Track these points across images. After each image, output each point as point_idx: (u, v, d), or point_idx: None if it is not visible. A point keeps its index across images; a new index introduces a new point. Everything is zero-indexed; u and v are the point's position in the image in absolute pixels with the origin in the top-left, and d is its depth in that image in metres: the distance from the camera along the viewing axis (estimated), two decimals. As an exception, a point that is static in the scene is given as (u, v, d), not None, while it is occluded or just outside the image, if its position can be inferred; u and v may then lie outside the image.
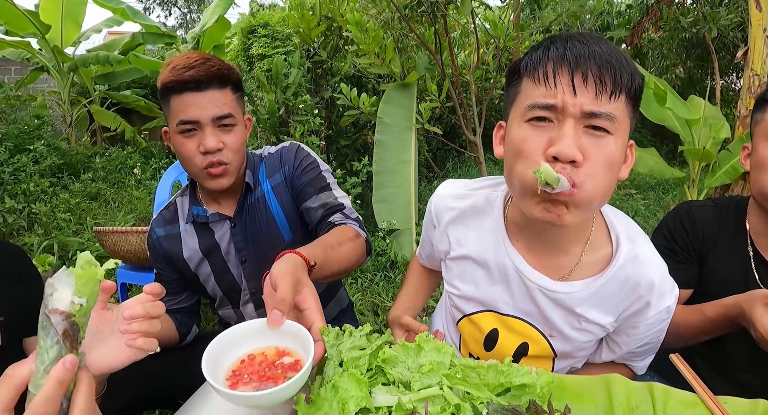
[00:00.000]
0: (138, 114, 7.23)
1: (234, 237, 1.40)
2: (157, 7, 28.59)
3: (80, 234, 4.08)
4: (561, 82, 0.80)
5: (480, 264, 1.05)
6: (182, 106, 1.24)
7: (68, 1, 6.25)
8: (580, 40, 0.82)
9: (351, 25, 3.29)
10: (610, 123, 0.80)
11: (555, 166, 0.79)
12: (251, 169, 1.42)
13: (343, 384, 0.68)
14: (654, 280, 0.95)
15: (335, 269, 1.12)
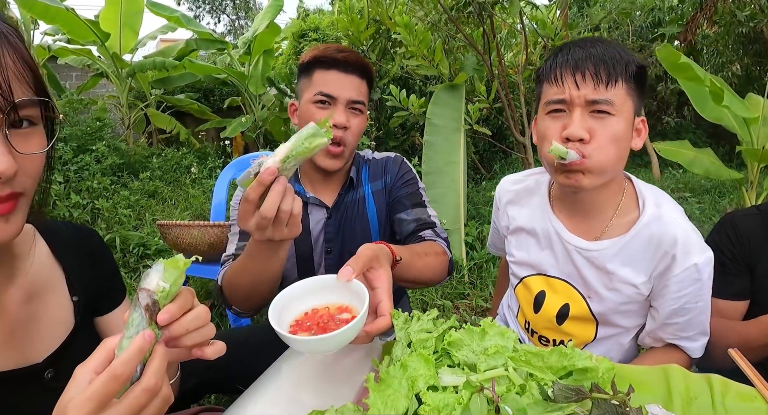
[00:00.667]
0: (191, 117, 7.53)
1: (327, 227, 1.46)
2: (206, 15, 29.58)
3: (140, 229, 4.30)
4: (567, 81, 1.04)
5: (530, 233, 1.27)
6: (325, 80, 1.36)
7: (126, 10, 6.58)
8: (580, 46, 1.07)
9: (400, 27, 3.34)
10: (610, 106, 1.02)
11: (568, 145, 1.03)
12: (356, 167, 1.50)
13: (412, 363, 0.73)
14: (677, 236, 1.06)
15: (416, 275, 1.16)
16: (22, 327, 0.77)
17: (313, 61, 1.38)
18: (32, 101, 0.65)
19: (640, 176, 6.21)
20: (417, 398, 0.71)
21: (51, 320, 0.83)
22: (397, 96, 3.29)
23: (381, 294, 0.87)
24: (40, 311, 0.81)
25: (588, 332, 1.21)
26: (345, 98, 1.36)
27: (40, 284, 0.83)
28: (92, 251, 0.96)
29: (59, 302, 0.85)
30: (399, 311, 0.85)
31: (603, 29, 6.15)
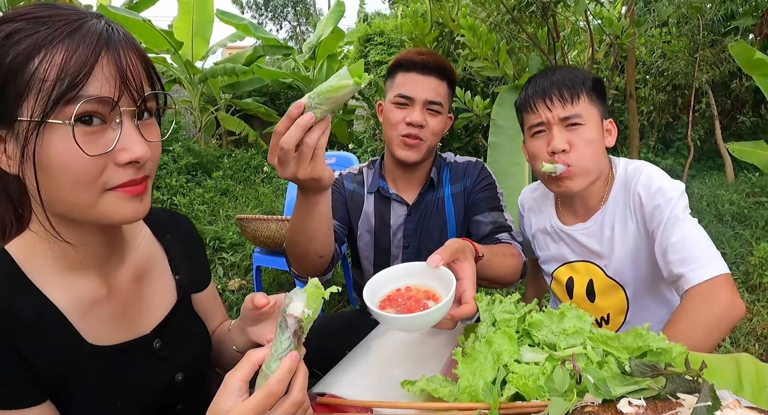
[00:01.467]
0: (259, 119, 7.88)
1: (406, 223, 1.55)
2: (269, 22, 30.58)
3: (214, 224, 4.58)
4: (540, 107, 1.26)
5: (545, 233, 1.47)
6: (404, 81, 1.46)
7: (198, 20, 6.98)
8: (543, 76, 1.29)
9: (464, 29, 3.39)
10: (579, 118, 1.23)
11: (554, 158, 1.24)
12: (437, 168, 1.57)
13: (497, 340, 0.81)
14: (638, 177, 1.24)
15: (493, 274, 1.23)
16: (132, 304, 0.85)
17: (395, 65, 1.49)
18: (155, 95, 0.73)
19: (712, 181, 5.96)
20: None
21: (157, 297, 0.90)
22: (461, 97, 3.34)
23: (466, 284, 0.93)
24: (147, 289, 0.89)
25: (619, 298, 1.34)
26: (422, 99, 1.44)
27: (147, 264, 0.90)
28: (187, 234, 1.04)
29: (163, 280, 0.93)
30: (482, 294, 0.93)
31: (672, 24, 5.93)
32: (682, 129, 6.52)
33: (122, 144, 0.68)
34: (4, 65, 0.64)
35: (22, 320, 0.70)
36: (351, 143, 7.00)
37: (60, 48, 0.64)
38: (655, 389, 0.69)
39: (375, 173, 1.61)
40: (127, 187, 0.70)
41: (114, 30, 0.69)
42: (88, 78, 0.64)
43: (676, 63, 5.90)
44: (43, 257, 0.75)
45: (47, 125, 0.64)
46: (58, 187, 0.67)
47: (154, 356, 0.85)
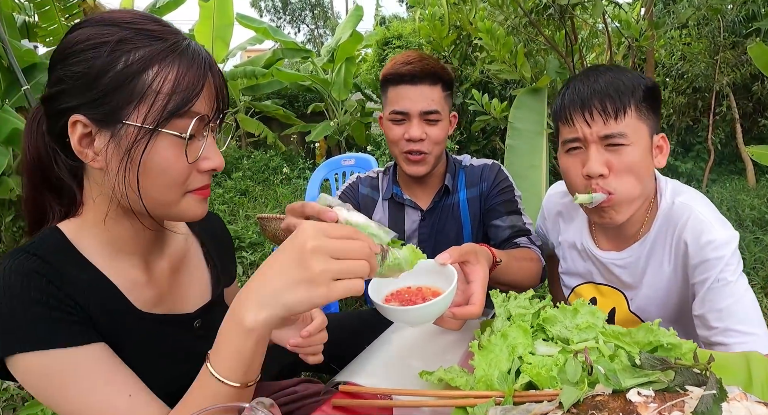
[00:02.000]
0: (277, 122, 7.98)
1: (420, 228, 1.55)
2: (287, 25, 30.90)
3: (234, 224, 4.67)
4: (577, 120, 1.08)
5: (573, 247, 1.34)
6: (396, 97, 1.42)
7: (218, 24, 7.08)
8: (584, 80, 1.10)
9: (481, 32, 3.42)
10: (623, 138, 1.05)
11: (590, 182, 1.08)
12: (451, 173, 1.55)
13: (512, 333, 0.84)
14: (686, 218, 1.09)
15: (512, 278, 1.22)
16: (170, 292, 0.91)
17: (384, 79, 1.46)
18: (227, 113, 0.85)
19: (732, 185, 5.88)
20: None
21: (194, 286, 0.97)
22: (479, 100, 3.37)
23: (475, 286, 0.94)
24: (184, 279, 0.95)
25: None
26: (416, 111, 1.40)
27: (183, 256, 0.97)
28: (220, 231, 1.12)
29: (200, 270, 1.00)
30: (497, 291, 0.96)
31: (691, 26, 5.87)
32: (703, 132, 6.44)
33: (206, 154, 0.77)
34: (116, 70, 0.70)
35: (78, 283, 0.76)
36: (369, 145, 7.06)
37: (173, 65, 0.72)
38: (664, 382, 0.72)
39: (389, 179, 1.61)
40: (202, 190, 0.80)
41: (210, 56, 0.78)
42: (198, 97, 0.73)
43: (696, 65, 5.84)
44: (92, 240, 0.81)
45: (159, 133, 0.72)
46: (152, 187, 0.75)
47: (194, 334, 0.92)
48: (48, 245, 0.78)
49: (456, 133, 3.69)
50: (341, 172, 3.20)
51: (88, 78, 0.71)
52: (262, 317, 0.64)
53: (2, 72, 3.75)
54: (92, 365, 0.73)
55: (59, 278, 0.74)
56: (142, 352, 0.83)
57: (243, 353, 0.67)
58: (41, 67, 3.89)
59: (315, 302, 0.63)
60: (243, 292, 0.66)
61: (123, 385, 0.74)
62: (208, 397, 0.69)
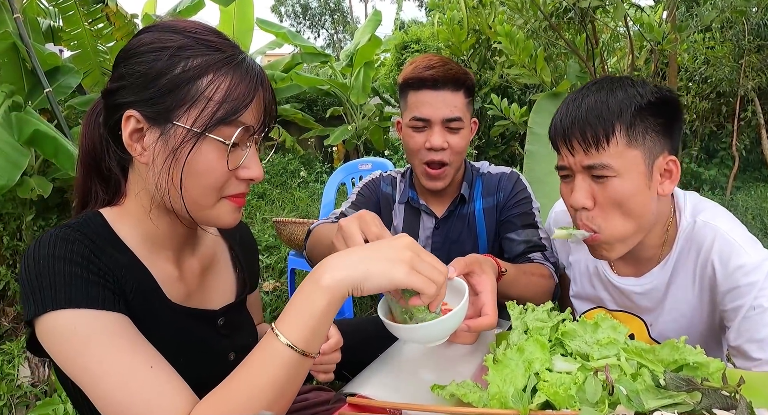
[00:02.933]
0: (296, 125, 8.02)
1: (434, 236, 1.50)
2: (306, 30, 31.16)
3: (251, 226, 4.69)
4: (562, 149, 1.02)
5: (585, 270, 1.24)
6: (417, 102, 1.36)
7: (238, 28, 7.13)
8: (569, 106, 1.01)
9: (501, 36, 3.38)
10: (607, 169, 0.95)
11: (576, 214, 1.01)
12: (468, 182, 1.49)
13: (529, 347, 0.81)
14: (711, 239, 1.00)
15: (520, 293, 1.15)
16: (198, 291, 0.95)
17: (404, 83, 1.39)
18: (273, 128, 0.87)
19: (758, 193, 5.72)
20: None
21: (220, 286, 1.00)
22: (498, 105, 3.33)
23: (485, 297, 0.91)
24: (212, 279, 0.99)
25: None
26: (439, 118, 1.34)
27: (213, 257, 1.01)
28: (246, 237, 1.15)
29: (227, 273, 1.04)
30: (514, 302, 0.93)
31: (715, 29, 5.75)
32: (727, 138, 6.30)
33: (246, 163, 0.81)
34: (174, 74, 0.75)
35: (117, 262, 0.80)
36: (387, 149, 7.05)
37: (227, 76, 0.77)
38: (690, 404, 0.68)
39: (406, 183, 1.57)
40: (238, 198, 0.84)
41: (263, 72, 0.83)
42: (247, 108, 0.77)
43: (720, 69, 5.71)
44: (130, 229, 0.85)
45: (205, 137, 0.76)
46: (191, 187, 0.79)
47: (217, 332, 0.95)
48: (90, 225, 0.82)
49: (475, 138, 3.65)
50: (358, 176, 3.18)
51: (147, 78, 0.76)
52: (339, 276, 0.69)
53: (26, 74, 3.81)
54: (119, 330, 0.74)
55: (100, 252, 0.78)
56: (166, 342, 0.83)
57: (314, 313, 0.69)
58: (64, 70, 3.96)
59: (395, 277, 0.69)
60: (327, 259, 0.72)
61: (146, 355, 0.74)
62: (267, 364, 0.70)
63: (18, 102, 3.24)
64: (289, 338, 0.69)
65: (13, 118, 3.12)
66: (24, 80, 3.85)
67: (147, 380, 0.71)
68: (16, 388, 2.31)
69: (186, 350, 0.88)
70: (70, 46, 4.40)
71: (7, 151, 2.91)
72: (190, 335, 0.90)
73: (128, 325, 0.76)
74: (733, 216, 1.06)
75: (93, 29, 4.19)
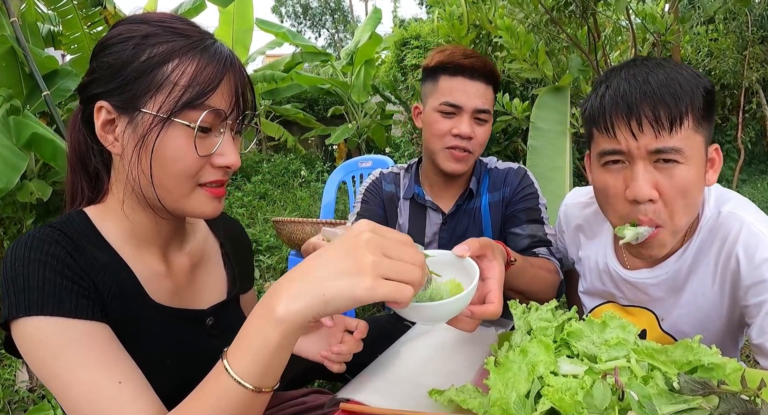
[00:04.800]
0: (297, 125, 8.00)
1: (441, 232, 1.48)
2: (307, 30, 31.12)
3: (252, 227, 4.66)
4: (621, 131, 0.88)
5: (594, 266, 1.18)
6: (451, 88, 1.35)
7: (238, 28, 7.12)
8: (629, 79, 0.88)
9: (501, 30, 3.33)
10: (677, 154, 0.86)
11: (636, 207, 0.89)
12: (477, 176, 1.48)
13: (532, 349, 0.76)
14: (737, 230, 0.93)
15: (525, 285, 1.13)
16: (186, 288, 0.92)
17: (438, 67, 1.37)
18: (251, 114, 0.86)
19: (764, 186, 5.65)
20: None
21: (210, 284, 0.98)
22: (500, 100, 3.28)
23: (492, 284, 0.85)
24: (201, 277, 0.96)
25: None
26: (471, 107, 1.34)
27: (203, 254, 0.99)
28: (239, 236, 1.12)
29: (217, 271, 1.01)
30: (516, 301, 0.88)
31: (718, 21, 5.68)
32: (732, 131, 6.23)
33: (221, 150, 0.80)
34: (139, 61, 0.76)
35: (98, 260, 0.78)
36: (388, 147, 7.00)
37: (193, 60, 0.76)
38: (707, 409, 0.64)
39: (411, 178, 1.53)
40: (214, 187, 0.82)
41: (233, 55, 0.82)
42: (214, 91, 0.77)
43: (724, 61, 5.64)
44: (113, 226, 0.84)
45: (171, 122, 0.75)
46: (163, 175, 0.77)
47: (206, 332, 0.93)
48: (72, 224, 0.80)
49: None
50: (358, 174, 3.14)
51: (114, 68, 0.77)
52: (296, 307, 0.58)
53: (24, 78, 3.80)
54: (90, 341, 0.71)
55: (79, 253, 0.76)
56: (150, 345, 0.83)
57: (267, 348, 0.60)
58: (62, 74, 3.94)
59: (357, 295, 0.57)
60: (280, 281, 0.62)
61: (116, 370, 0.71)
62: (218, 398, 0.64)
63: (16, 106, 3.22)
64: (240, 374, 0.62)
65: (11, 121, 3.10)
66: (22, 84, 3.84)
67: (112, 396, 0.69)
68: (14, 392, 2.28)
69: (172, 353, 0.86)
70: (69, 50, 4.38)
71: (6, 154, 2.89)
72: (176, 337, 0.87)
73: (102, 335, 0.73)
74: (759, 209, 0.99)
75: (92, 33, 4.17)
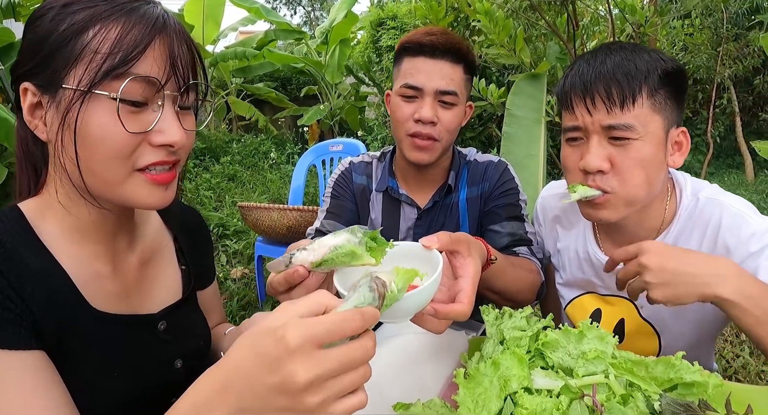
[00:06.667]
0: (270, 105, 7.80)
1: (416, 228, 1.38)
2: (282, 7, 30.34)
3: (219, 210, 4.52)
4: (578, 107, 0.95)
5: (575, 255, 1.18)
6: (412, 69, 1.24)
7: (209, 3, 6.84)
8: (590, 61, 0.96)
9: (480, 14, 3.26)
10: (629, 131, 0.91)
11: (587, 178, 0.95)
12: (455, 170, 1.38)
13: (505, 362, 0.70)
14: (719, 216, 0.97)
15: (505, 285, 1.07)
16: (136, 287, 0.84)
17: (401, 48, 1.27)
18: (196, 86, 0.76)
19: (731, 179, 5.79)
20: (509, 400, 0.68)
21: (161, 283, 0.89)
22: (476, 86, 3.21)
23: (463, 283, 0.76)
24: (152, 274, 0.88)
25: (651, 346, 1.10)
26: (432, 89, 1.23)
27: (154, 250, 0.90)
28: (196, 228, 1.03)
29: (170, 268, 0.93)
30: (489, 306, 0.82)
31: (694, 16, 5.72)
32: (702, 125, 6.34)
33: (160, 126, 0.70)
34: (58, 32, 0.67)
35: (29, 267, 0.69)
36: (361, 130, 6.88)
37: (116, 24, 0.67)
38: (690, 432, 0.59)
39: (385, 169, 1.42)
40: (158, 173, 0.72)
41: (169, 18, 0.72)
42: (140, 57, 0.67)
43: (698, 56, 5.69)
44: (53, 222, 0.75)
45: (92, 96, 0.66)
46: (91, 159, 0.68)
47: (158, 338, 0.85)
48: (3, 224, 0.72)
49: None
50: (329, 158, 3.04)
51: (34, 43, 0.69)
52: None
53: (-24, 50, 3.54)
54: (11, 374, 0.64)
55: (7, 262, 0.68)
56: (93, 357, 0.74)
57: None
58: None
59: None
60: (226, 395, 0.52)
61: (43, 404, 0.64)
62: None
63: (-32, 81, 2.99)
64: None
65: (-42, 95, 2.88)
66: (-26, 58, 3.58)
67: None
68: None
69: (119, 362, 0.78)
70: (29, 21, 4.11)
71: (-45, 134, 2.69)
72: (122, 345, 0.79)
73: (30, 365, 0.66)
74: (732, 193, 1.03)
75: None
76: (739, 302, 0.79)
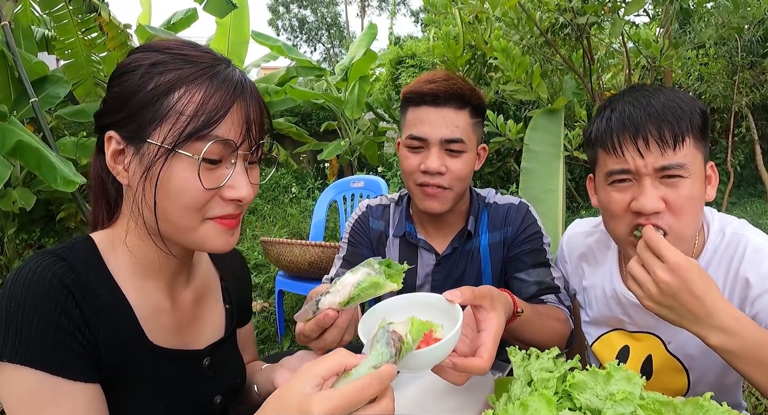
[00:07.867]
0: (290, 139, 7.94)
1: (434, 274, 1.35)
2: (303, 44, 31.23)
3: (240, 243, 4.58)
4: (628, 150, 0.94)
5: (601, 294, 1.19)
6: (415, 119, 1.23)
7: (233, 40, 7.09)
8: (633, 103, 0.96)
9: (497, 52, 3.33)
10: (682, 170, 0.93)
11: (639, 219, 0.95)
12: (474, 215, 1.34)
13: (533, 403, 0.72)
14: (742, 250, 0.99)
15: (533, 336, 1.06)
16: (189, 323, 0.89)
17: (404, 99, 1.27)
18: (270, 142, 0.84)
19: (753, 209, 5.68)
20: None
21: (210, 321, 0.94)
22: (493, 121, 3.27)
23: (486, 337, 0.80)
24: (203, 312, 0.94)
25: (680, 383, 1.10)
26: (437, 138, 1.20)
27: (205, 288, 0.95)
28: (240, 268, 1.09)
29: (217, 307, 0.98)
30: (515, 348, 0.84)
31: (709, 46, 5.75)
32: (721, 154, 6.29)
33: (231, 182, 0.76)
34: (146, 91, 0.73)
35: (99, 299, 0.74)
36: (381, 166, 6.96)
37: (200, 88, 0.73)
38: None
39: (402, 213, 1.40)
40: (225, 219, 0.78)
41: (246, 81, 0.78)
42: (221, 120, 0.73)
43: (714, 86, 5.70)
44: (122, 255, 0.81)
45: (175, 154, 0.72)
46: (168, 208, 0.74)
47: (201, 373, 0.89)
48: (78, 253, 0.77)
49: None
50: (350, 194, 3.10)
51: (122, 97, 0.75)
52: None
53: (13, 83, 3.73)
54: (69, 404, 0.69)
55: (82, 291, 0.73)
56: (146, 389, 0.80)
57: None
58: (52, 80, 3.87)
59: None
60: None
61: None
62: None
63: (3, 111, 3.15)
64: None
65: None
66: (10, 89, 3.77)
67: None
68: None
69: (167, 395, 0.83)
70: (63, 56, 4.33)
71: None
72: (171, 379, 0.84)
73: (84, 398, 0.71)
74: (757, 228, 1.05)
75: (86, 39, 4.11)
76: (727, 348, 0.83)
